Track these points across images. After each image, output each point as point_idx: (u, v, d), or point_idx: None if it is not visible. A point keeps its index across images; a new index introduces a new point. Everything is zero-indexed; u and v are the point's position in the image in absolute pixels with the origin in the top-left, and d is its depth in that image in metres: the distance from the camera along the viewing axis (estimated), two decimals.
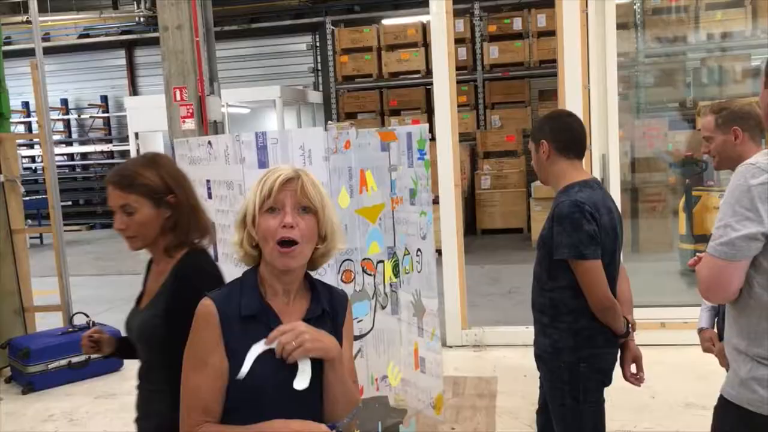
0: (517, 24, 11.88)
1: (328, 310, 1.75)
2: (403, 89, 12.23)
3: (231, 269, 2.32)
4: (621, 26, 11.02)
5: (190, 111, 8.01)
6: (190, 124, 8.06)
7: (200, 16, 8.00)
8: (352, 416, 1.56)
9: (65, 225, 15.85)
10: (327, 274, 3.03)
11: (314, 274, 1.85)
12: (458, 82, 11.87)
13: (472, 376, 4.67)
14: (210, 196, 3.46)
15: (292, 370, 1.64)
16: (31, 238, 11.90)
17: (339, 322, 1.78)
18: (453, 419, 4.01)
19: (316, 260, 1.76)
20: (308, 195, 1.67)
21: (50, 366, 4.84)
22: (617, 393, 2.82)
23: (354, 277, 3.25)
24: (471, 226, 10.89)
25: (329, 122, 12.32)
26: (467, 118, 11.96)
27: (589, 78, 5.07)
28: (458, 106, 11.85)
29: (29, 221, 13.34)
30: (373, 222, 3.34)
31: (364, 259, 3.31)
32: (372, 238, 3.33)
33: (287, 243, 1.63)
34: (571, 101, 4.99)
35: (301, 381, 1.62)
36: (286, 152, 3.04)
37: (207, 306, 1.66)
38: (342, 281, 3.17)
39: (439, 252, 5.19)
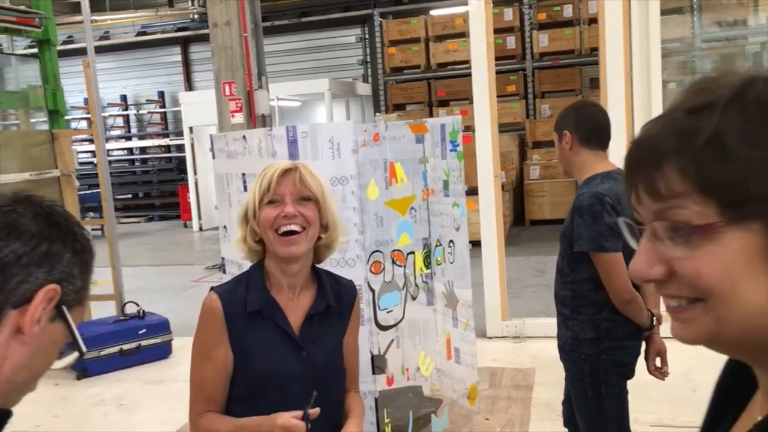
0: (568, 11, 11.68)
1: (334, 305, 1.77)
2: (452, 80, 12.18)
3: None
4: (676, 11, 10.74)
5: (239, 105, 8.19)
6: (239, 118, 8.25)
7: (248, 13, 8.16)
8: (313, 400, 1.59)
9: (125, 217, 16.31)
10: (356, 266, 3.08)
11: (343, 266, 1.88)
12: (507, 71, 11.88)
13: (510, 368, 4.65)
14: (245, 189, 3.55)
15: (295, 361, 1.69)
16: (93, 229, 12.36)
17: (345, 315, 1.81)
18: (488, 410, 4.02)
19: (320, 252, 1.78)
20: (307, 185, 1.70)
21: (102, 353, 5.04)
22: (656, 386, 2.78)
23: (383, 268, 3.29)
24: (520, 217, 10.81)
25: (377, 114, 12.38)
26: (516, 107, 11.84)
27: (632, 65, 4.97)
28: (507, 95, 11.86)
29: (91, 213, 13.86)
30: (403, 214, 3.37)
31: (394, 250, 3.35)
32: (402, 230, 3.36)
33: (289, 233, 1.67)
34: (613, 89, 4.91)
35: None
36: (316, 146, 3.09)
37: (212, 301, 1.71)
38: (371, 272, 3.21)
39: (478, 243, 5.20)
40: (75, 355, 0.98)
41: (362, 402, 1.87)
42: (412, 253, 3.45)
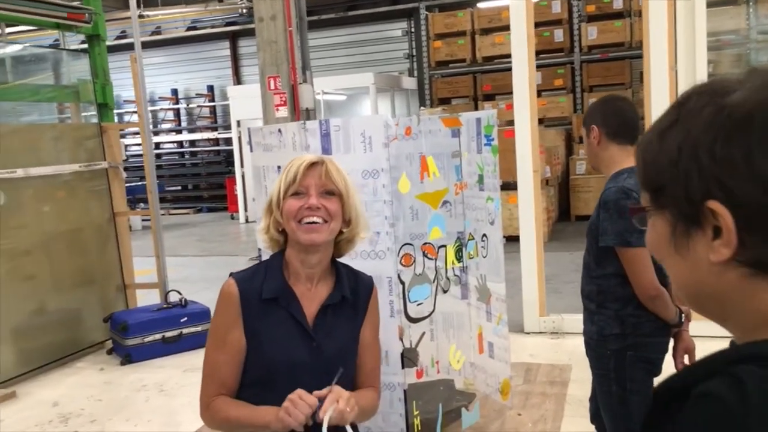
0: (618, 2, 11.46)
1: (349, 297, 1.79)
2: (498, 73, 12.06)
3: None
4: (731, 1, 10.41)
5: (283, 99, 8.29)
6: (283, 112, 8.34)
7: (293, 7, 8.24)
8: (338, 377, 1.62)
9: (174, 208, 16.60)
10: (387, 258, 3.10)
11: (373, 258, 1.90)
12: (554, 64, 11.75)
13: (546, 364, 4.62)
14: None
15: (305, 351, 1.72)
16: (143, 220, 12.67)
17: (360, 309, 1.83)
18: (521, 405, 4.01)
19: (341, 246, 1.81)
20: (332, 179, 1.73)
21: (146, 339, 5.19)
22: None
23: (414, 261, 3.31)
24: (565, 212, 10.68)
25: (421, 108, 12.37)
26: (563, 101, 11.68)
27: (677, 59, 4.86)
28: (554, 89, 11.68)
29: (142, 204, 14.22)
30: (434, 207, 3.38)
31: (425, 243, 3.36)
32: (434, 223, 3.37)
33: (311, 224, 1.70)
34: (657, 83, 4.81)
35: None
36: (348, 139, 3.13)
37: (230, 286, 1.75)
38: (402, 264, 3.23)
39: (516, 238, 5.16)
40: None
41: (375, 396, 1.88)
42: (444, 246, 3.46)
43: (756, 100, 0.66)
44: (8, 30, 8.28)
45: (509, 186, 6.21)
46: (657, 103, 4.80)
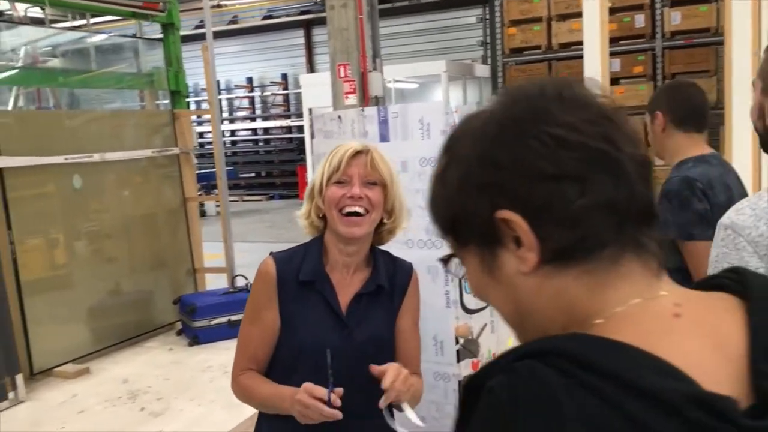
0: None
1: (386, 286, 1.77)
2: (574, 60, 11.72)
3: None
4: None
5: (353, 87, 8.30)
6: (352, 100, 8.36)
7: None
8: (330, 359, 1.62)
9: (248, 195, 17.00)
10: (443, 247, 3.05)
11: (430, 247, 1.87)
12: (634, 51, 11.36)
13: None
14: None
15: (337, 336, 1.70)
16: (217, 205, 13.01)
17: (397, 295, 1.80)
18: None
19: (382, 236, 1.79)
20: (377, 168, 1.71)
21: (212, 322, 5.32)
22: None
23: None
24: None
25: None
26: (643, 89, 11.25)
27: (761, 43, 4.59)
28: (634, 77, 11.28)
29: (216, 190, 14.60)
30: None
31: None
32: None
33: (352, 214, 1.69)
34: (738, 69, 4.56)
35: (414, 418, 1.64)
36: (406, 126, 3.09)
37: (268, 265, 1.75)
38: None
39: None
40: None
41: (420, 381, 1.85)
42: None
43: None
44: (92, 20, 8.60)
45: None
46: (738, 90, 4.55)
